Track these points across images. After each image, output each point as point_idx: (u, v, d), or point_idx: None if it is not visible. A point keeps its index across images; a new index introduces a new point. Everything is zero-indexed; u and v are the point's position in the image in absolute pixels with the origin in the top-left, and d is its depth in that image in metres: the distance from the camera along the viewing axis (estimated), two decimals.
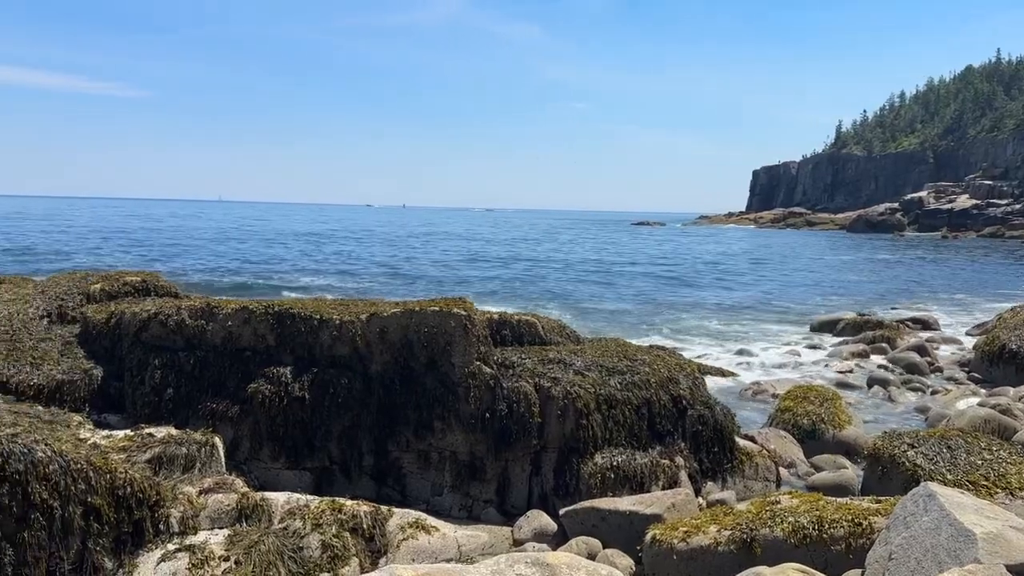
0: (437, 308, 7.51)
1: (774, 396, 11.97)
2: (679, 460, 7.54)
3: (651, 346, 9.34)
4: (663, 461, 7.41)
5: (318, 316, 7.61)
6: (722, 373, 14.11)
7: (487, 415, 7.29)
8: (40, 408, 6.84)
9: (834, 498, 6.12)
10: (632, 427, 7.49)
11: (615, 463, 7.22)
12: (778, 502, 5.96)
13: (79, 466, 5.08)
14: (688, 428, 7.83)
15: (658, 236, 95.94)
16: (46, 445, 5.07)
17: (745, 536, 5.55)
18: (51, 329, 8.62)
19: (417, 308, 7.57)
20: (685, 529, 5.78)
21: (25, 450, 4.92)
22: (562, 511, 6.74)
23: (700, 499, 7.36)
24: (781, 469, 8.47)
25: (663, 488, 7.18)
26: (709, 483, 7.78)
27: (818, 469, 8.80)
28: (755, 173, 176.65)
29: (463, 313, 7.46)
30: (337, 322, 7.54)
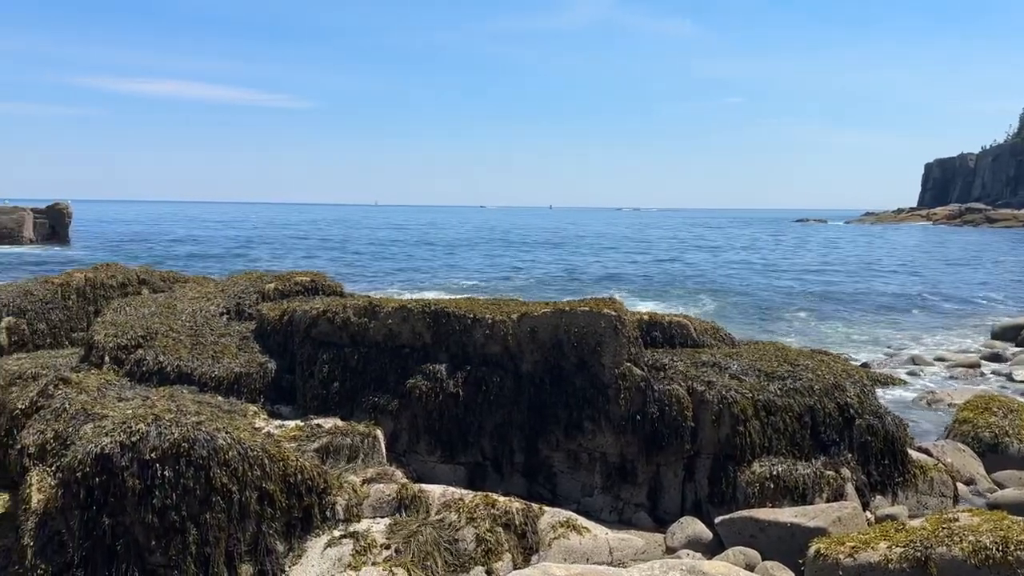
0: (587, 308, 7.49)
1: (951, 406, 11.09)
2: (845, 472, 7.13)
3: (813, 351, 8.87)
4: (827, 472, 7.03)
5: (471, 315, 7.78)
6: (893, 381, 13.23)
7: (638, 417, 7.19)
8: (220, 398, 7.42)
9: (1020, 518, 5.58)
10: (793, 435, 7.15)
11: (775, 472, 6.92)
12: (956, 520, 5.51)
13: (255, 453, 5.45)
14: (856, 438, 7.39)
15: (831, 235, 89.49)
16: (226, 433, 5.48)
17: (919, 554, 5.15)
18: (230, 325, 9.32)
19: (567, 308, 7.58)
20: (852, 544, 5.45)
21: (208, 437, 5.34)
22: (718, 519, 6.54)
23: (868, 514, 6.93)
24: (959, 485, 7.84)
25: (827, 501, 6.81)
26: (878, 497, 7.31)
27: (1001, 486, 8.08)
28: (927, 167, 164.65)
29: (613, 314, 7.40)
30: (489, 321, 7.68)
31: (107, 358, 8.27)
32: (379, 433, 6.99)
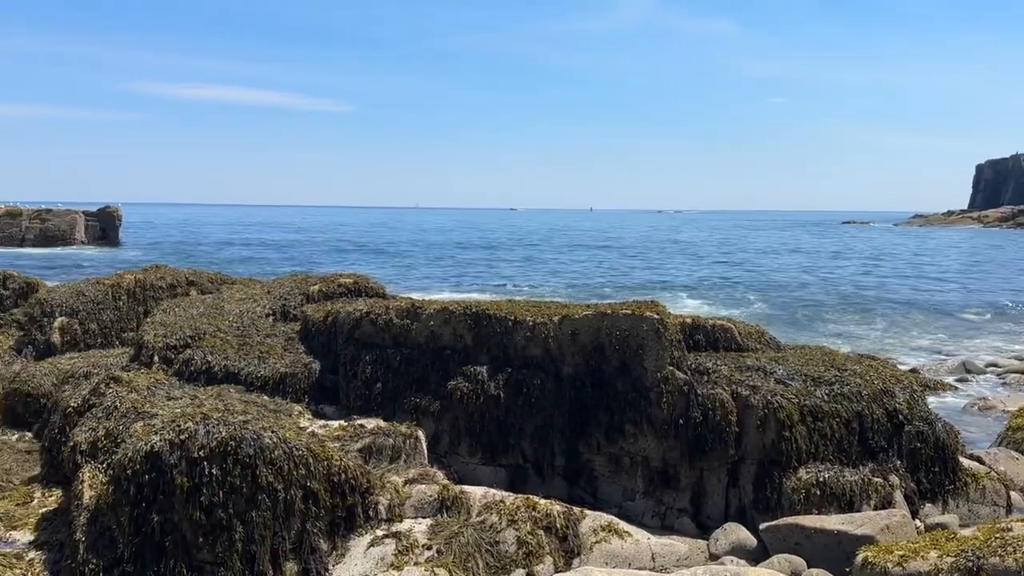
0: (629, 311, 7.44)
1: (1004, 413, 10.80)
2: (894, 479, 6.98)
3: (861, 355, 8.70)
4: (875, 479, 6.89)
5: (512, 317, 7.78)
6: (943, 387, 12.92)
7: (680, 422, 7.12)
8: (266, 398, 7.53)
9: None
10: (841, 441, 7.02)
11: (821, 479, 6.80)
12: (1010, 529, 5.35)
13: (300, 452, 5.53)
14: (905, 445, 7.22)
15: (880, 237, 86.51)
16: (272, 432, 5.56)
17: (971, 564, 5.02)
18: (276, 326, 9.47)
19: (609, 311, 7.54)
20: (901, 553, 5.33)
21: (255, 436, 5.43)
22: (762, 526, 6.45)
23: (917, 522, 6.77)
24: (1012, 493, 7.62)
25: (875, 508, 6.68)
26: (928, 505, 7.14)
27: None
28: (978, 168, 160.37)
29: (655, 316, 7.34)
30: (530, 323, 7.68)
31: (156, 358, 8.45)
32: (421, 434, 7.04)
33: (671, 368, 7.25)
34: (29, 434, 8.71)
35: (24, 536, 6.09)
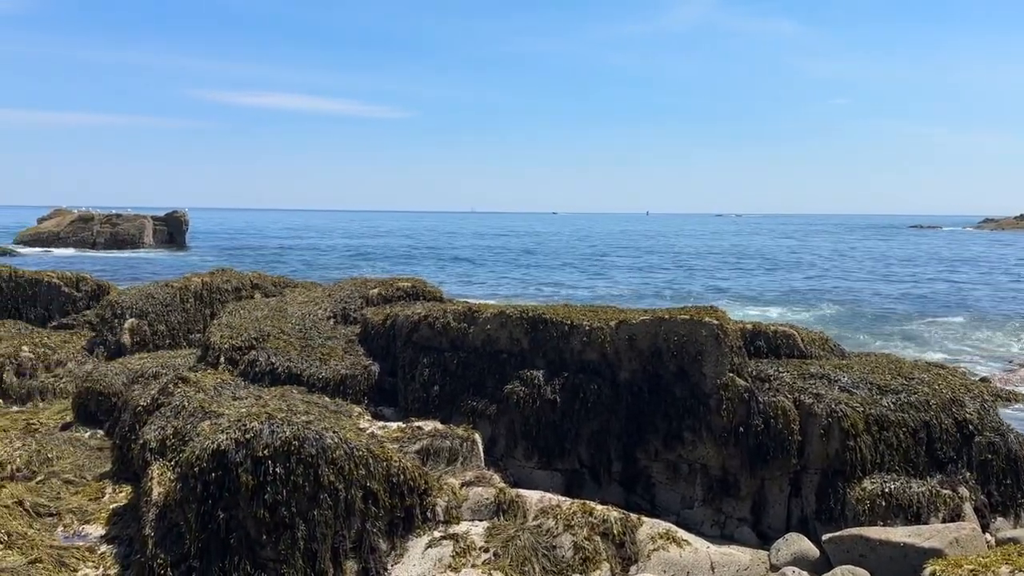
0: (687, 316, 7.36)
1: None
2: (963, 491, 6.75)
3: (929, 363, 8.44)
4: (943, 491, 6.68)
5: (568, 322, 7.77)
6: (1016, 397, 12.43)
7: (741, 429, 7.01)
8: (327, 399, 7.67)
9: None
10: (907, 452, 6.83)
11: (887, 490, 6.62)
12: None
13: (361, 453, 5.61)
14: (975, 456, 6.99)
15: (950, 242, 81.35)
16: (334, 433, 5.66)
17: None
18: (336, 329, 9.63)
19: (667, 316, 7.47)
20: (971, 567, 5.15)
21: (317, 436, 5.53)
22: (825, 537, 6.30)
23: (988, 536, 6.54)
24: None
25: (943, 521, 6.46)
26: (999, 519, 6.90)
27: None
28: None
29: (715, 322, 7.24)
30: (587, 328, 7.66)
31: (222, 359, 8.68)
32: (477, 437, 7.08)
33: (731, 375, 7.14)
34: (101, 432, 9.00)
35: (96, 530, 6.32)
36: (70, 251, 50.68)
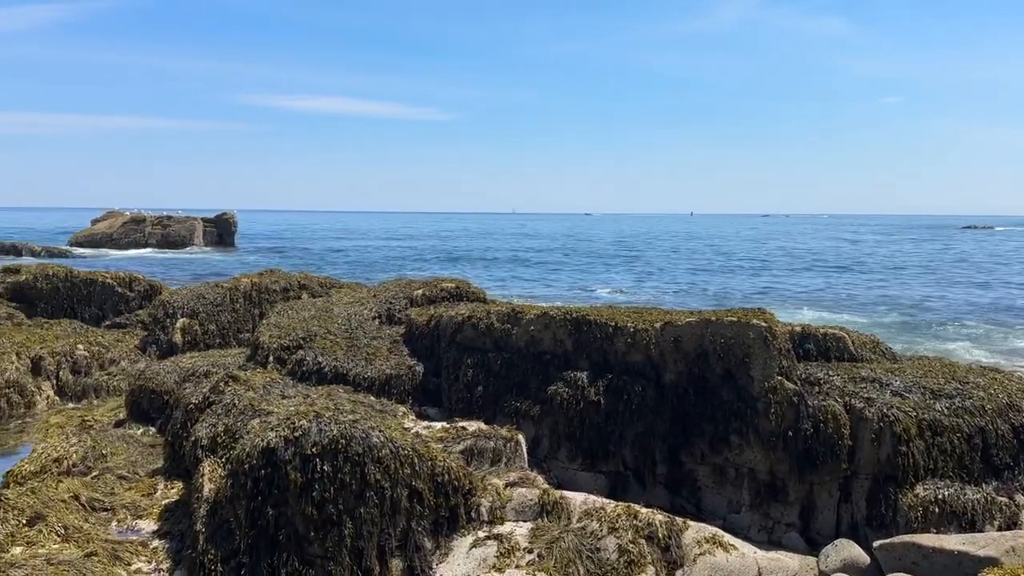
0: (735, 318, 7.27)
1: None
2: (1020, 498, 6.56)
3: (985, 367, 8.20)
4: (999, 498, 6.50)
5: (613, 323, 7.74)
6: None
7: (789, 433, 6.90)
8: (372, 398, 7.75)
9: None
10: (962, 457, 6.65)
11: (940, 496, 6.46)
12: None
13: (406, 452, 5.65)
14: None
15: (1008, 243, 78.09)
16: (380, 431, 5.72)
17: None
18: (381, 329, 9.73)
19: (713, 318, 7.39)
20: None
21: (363, 435, 5.59)
22: (877, 544, 6.17)
23: None
24: None
25: (998, 529, 6.29)
26: None
27: None
28: None
29: (763, 324, 7.15)
30: (631, 330, 7.61)
31: (271, 358, 8.83)
32: (521, 438, 7.08)
33: (779, 378, 7.04)
34: (153, 429, 9.21)
35: (149, 525, 6.47)
36: (124, 252, 51.96)
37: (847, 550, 6.25)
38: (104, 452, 7.99)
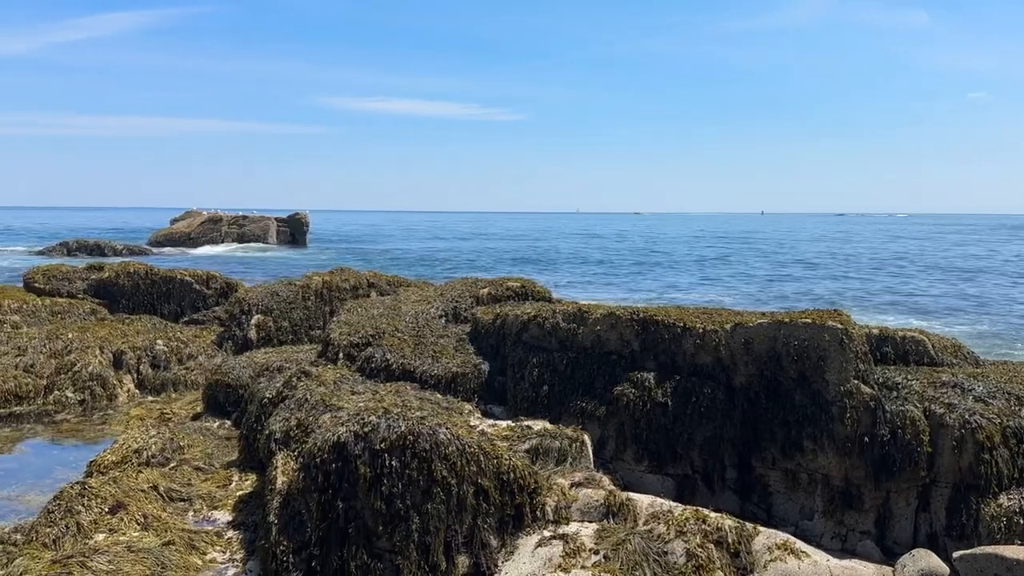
0: (809, 320, 7.08)
1: None
2: None
3: None
4: None
5: (681, 324, 7.63)
6: None
7: (865, 439, 6.69)
8: (439, 396, 7.83)
9: None
10: None
11: None
12: None
13: (472, 450, 5.69)
14: None
15: None
16: (447, 429, 5.76)
17: None
18: (448, 327, 9.82)
19: (786, 320, 7.21)
20: None
21: (431, 431, 5.65)
22: (956, 554, 5.92)
23: None
24: None
25: None
26: None
27: None
28: None
29: (839, 327, 6.94)
30: (700, 331, 7.49)
31: (341, 354, 9.01)
32: (586, 438, 7.03)
33: (856, 382, 6.83)
34: (228, 422, 9.49)
35: (223, 516, 6.66)
36: (201, 250, 53.65)
37: (925, 560, 6.02)
38: (182, 444, 8.26)
